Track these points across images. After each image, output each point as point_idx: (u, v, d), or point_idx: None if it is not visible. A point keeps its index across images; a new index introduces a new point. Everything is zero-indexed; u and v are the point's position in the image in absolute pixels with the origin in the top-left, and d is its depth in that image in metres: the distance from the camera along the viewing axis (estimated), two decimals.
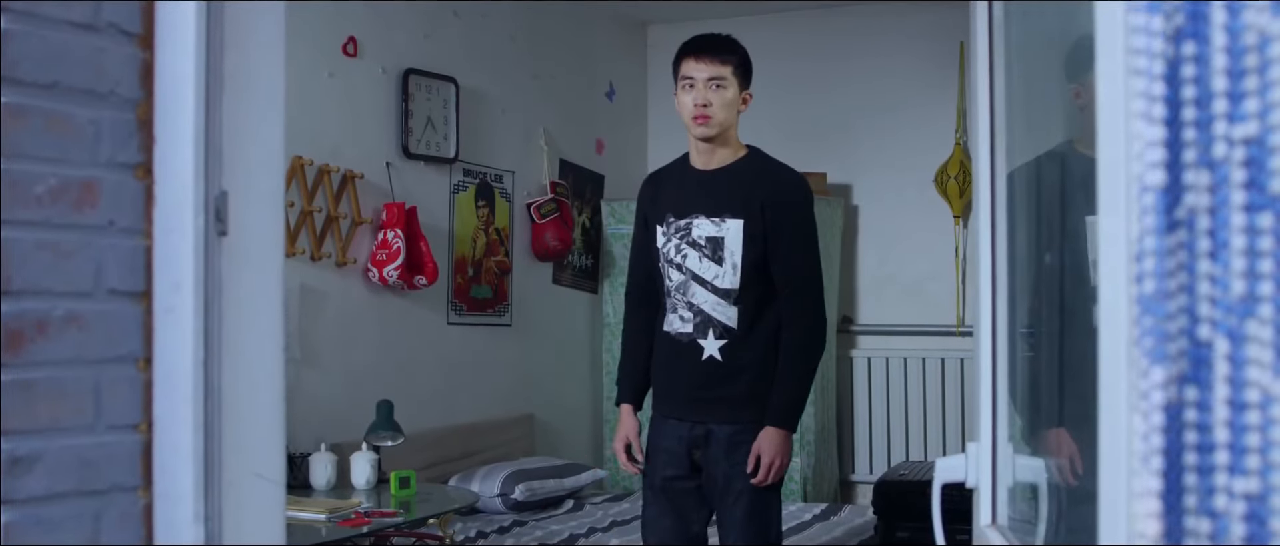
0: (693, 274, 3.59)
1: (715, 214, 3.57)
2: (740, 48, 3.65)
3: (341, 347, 5.13)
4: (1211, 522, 1.04)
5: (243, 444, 1.76)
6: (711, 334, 3.57)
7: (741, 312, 3.56)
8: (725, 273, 3.55)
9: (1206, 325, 1.04)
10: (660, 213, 3.67)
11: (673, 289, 3.64)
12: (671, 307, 3.65)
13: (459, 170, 5.79)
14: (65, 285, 1.64)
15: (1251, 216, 1.02)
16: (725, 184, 3.60)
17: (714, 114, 3.57)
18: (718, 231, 3.56)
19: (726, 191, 3.59)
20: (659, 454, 3.66)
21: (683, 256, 3.61)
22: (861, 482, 6.83)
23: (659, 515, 3.66)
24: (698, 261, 3.58)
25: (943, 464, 2.27)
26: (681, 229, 3.62)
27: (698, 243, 3.59)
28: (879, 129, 6.89)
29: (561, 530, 5.05)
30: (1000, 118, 2.14)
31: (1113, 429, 1.15)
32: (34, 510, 1.59)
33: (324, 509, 4.02)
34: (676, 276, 3.62)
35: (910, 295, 6.84)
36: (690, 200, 3.62)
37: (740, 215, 3.54)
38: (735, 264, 3.54)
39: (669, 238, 3.64)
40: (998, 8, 2.12)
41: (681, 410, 3.63)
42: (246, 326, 1.78)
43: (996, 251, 2.18)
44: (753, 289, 3.55)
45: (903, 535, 4.77)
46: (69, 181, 1.64)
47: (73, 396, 1.64)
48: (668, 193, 3.69)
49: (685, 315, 3.61)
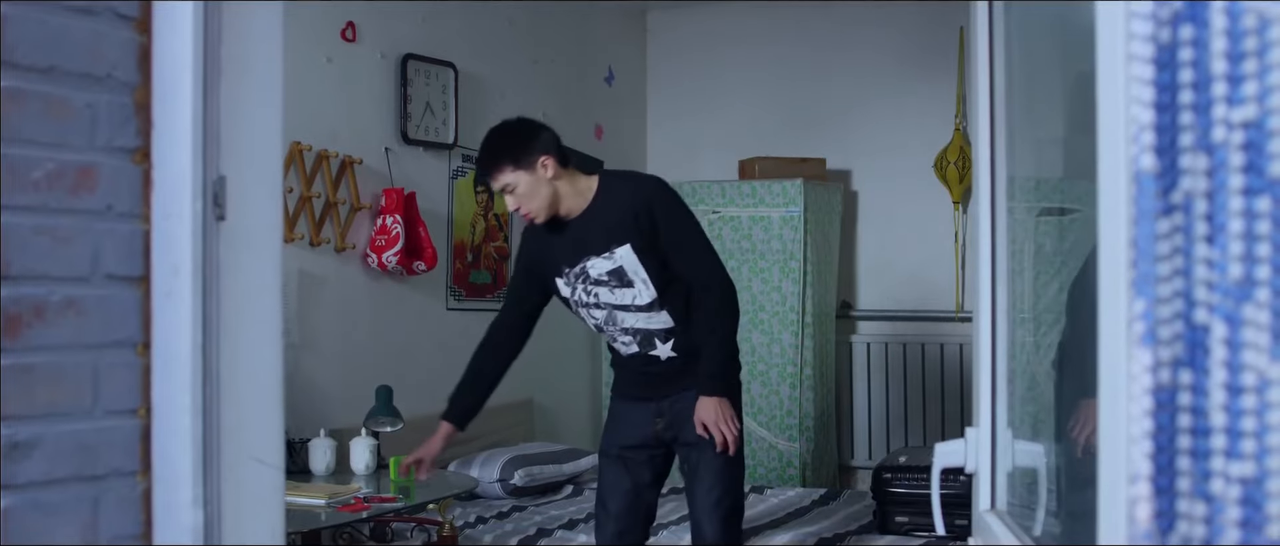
0: (612, 305, 3.76)
1: (603, 250, 3.69)
2: (503, 146, 3.70)
3: (341, 333, 5.13)
4: (1206, 506, 1.04)
5: (241, 428, 1.76)
6: (657, 341, 3.76)
7: (671, 310, 3.73)
8: (639, 291, 3.71)
9: (1202, 309, 1.04)
10: (555, 266, 3.81)
11: (602, 324, 3.82)
12: (611, 338, 3.85)
13: (458, 155, 5.78)
14: (63, 270, 1.63)
15: (1249, 200, 1.02)
16: (597, 220, 3.71)
17: (528, 206, 3.68)
18: (613, 263, 3.70)
19: (601, 226, 3.70)
20: (620, 425, 3.89)
21: (594, 297, 3.76)
22: (860, 468, 6.83)
23: (618, 478, 3.87)
24: (610, 293, 3.74)
25: (942, 448, 2.27)
26: (580, 273, 3.76)
27: (601, 279, 3.73)
28: (878, 114, 6.88)
29: (561, 515, 5.06)
30: (1000, 106, 2.14)
31: (1111, 412, 1.15)
32: (33, 495, 1.59)
33: (323, 494, 4.03)
34: (599, 314, 3.80)
35: (909, 280, 6.84)
36: (575, 247, 3.74)
37: (624, 240, 3.67)
38: (644, 279, 3.69)
39: (573, 286, 3.79)
40: (999, 6, 2.12)
41: (647, 394, 3.83)
42: (245, 311, 1.78)
43: (996, 237, 2.18)
44: (670, 287, 3.71)
45: (901, 520, 4.77)
46: (66, 166, 1.64)
47: (71, 381, 1.64)
48: (552, 246, 3.80)
49: (626, 340, 3.80)
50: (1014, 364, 2.20)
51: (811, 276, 6.34)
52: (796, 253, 6.28)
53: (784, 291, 6.31)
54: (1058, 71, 2.10)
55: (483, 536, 4.78)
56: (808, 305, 6.32)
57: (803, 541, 4.63)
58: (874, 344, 6.85)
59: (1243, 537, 1.02)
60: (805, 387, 6.34)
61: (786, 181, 6.33)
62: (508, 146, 3.67)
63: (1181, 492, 1.06)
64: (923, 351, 6.75)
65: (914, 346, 6.77)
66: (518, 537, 4.74)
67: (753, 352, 6.30)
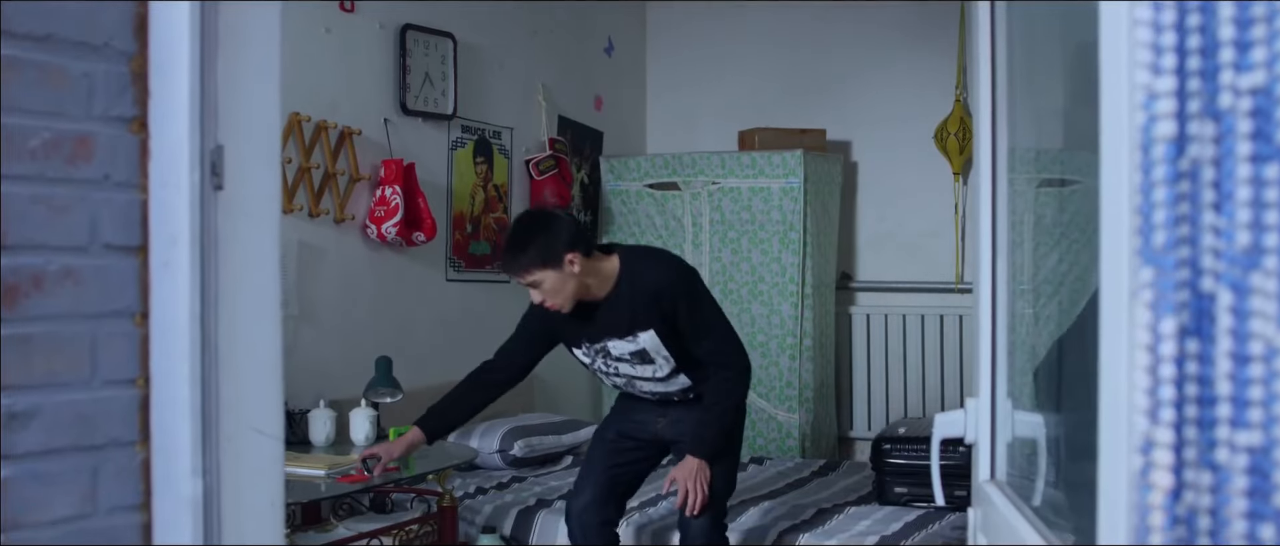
0: (631, 375, 3.97)
1: (626, 334, 3.85)
2: (530, 244, 3.73)
3: (340, 304, 5.12)
4: (1212, 475, 1.04)
5: (240, 398, 1.76)
6: (674, 397, 4.00)
7: (688, 372, 3.93)
8: (659, 366, 3.90)
9: (1210, 277, 1.03)
10: (574, 337, 3.97)
11: (622, 385, 4.06)
12: (629, 387, 4.06)
13: (457, 126, 5.76)
14: (61, 239, 1.63)
15: (1257, 167, 1.01)
16: (621, 307, 3.83)
17: (554, 300, 3.77)
18: (635, 346, 3.86)
19: (626, 312, 3.83)
20: (623, 417, 4.15)
21: (614, 368, 3.97)
22: (859, 439, 6.84)
23: (605, 455, 4.11)
24: (630, 367, 3.93)
25: (941, 419, 2.26)
26: (600, 350, 3.93)
27: (623, 357, 3.91)
28: (879, 85, 6.86)
29: (560, 486, 5.06)
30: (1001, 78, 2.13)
31: (1113, 381, 1.14)
32: (31, 465, 1.58)
33: (323, 465, 4.03)
34: (619, 380, 4.03)
35: (909, 252, 6.83)
36: (598, 329, 3.88)
37: (648, 326, 3.81)
38: (665, 356, 3.87)
39: (593, 357, 3.98)
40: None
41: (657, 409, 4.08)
42: (243, 280, 1.77)
43: (996, 208, 2.17)
44: (687, 358, 3.90)
45: (900, 491, 4.77)
46: (63, 135, 1.63)
47: (69, 351, 1.63)
48: (571, 321, 3.89)
49: (644, 393, 4.04)
50: (1014, 336, 2.20)
51: (811, 247, 6.33)
52: (796, 224, 6.27)
53: (784, 262, 6.30)
54: (1058, 42, 2.09)
55: (482, 507, 4.79)
56: (807, 276, 6.32)
57: (802, 512, 4.64)
58: (873, 315, 6.85)
59: (1249, 507, 1.02)
60: (805, 359, 6.33)
61: (786, 152, 6.32)
62: (535, 247, 3.72)
63: (1188, 462, 1.05)
64: (922, 323, 6.75)
65: (913, 318, 6.77)
66: (517, 508, 4.74)
67: (752, 324, 6.29)
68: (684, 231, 6.49)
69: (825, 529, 4.39)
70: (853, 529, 4.39)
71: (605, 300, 3.84)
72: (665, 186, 6.60)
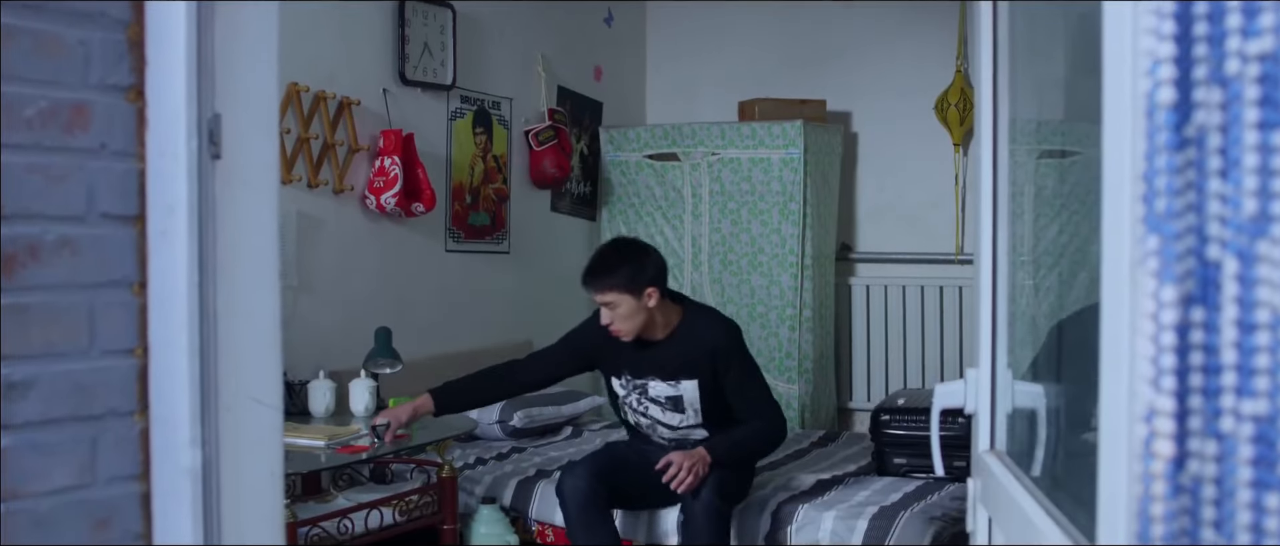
0: (657, 420, 4.21)
1: (670, 378, 4.11)
2: (620, 267, 4.00)
3: (339, 275, 5.12)
4: (1218, 444, 1.03)
5: (239, 368, 1.75)
6: (688, 441, 4.19)
7: (708, 428, 4.18)
8: (687, 418, 4.16)
9: (1216, 245, 1.02)
10: (617, 367, 4.21)
11: (644, 428, 4.28)
12: (648, 433, 4.28)
13: (456, 97, 5.74)
14: (57, 209, 1.62)
15: (1265, 134, 1.00)
16: (673, 352, 4.09)
17: (620, 328, 4.03)
18: (675, 391, 4.12)
19: (676, 359, 4.09)
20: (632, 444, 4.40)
21: (645, 408, 4.20)
22: (859, 410, 6.84)
23: (608, 448, 4.40)
24: (661, 413, 4.17)
25: (941, 389, 2.26)
26: (639, 387, 4.18)
27: (658, 400, 4.16)
28: (879, 56, 6.83)
29: (560, 456, 5.07)
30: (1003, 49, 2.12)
31: (1115, 350, 1.13)
32: (30, 435, 1.58)
33: (323, 435, 4.03)
34: (643, 420, 4.25)
35: (909, 223, 6.82)
36: (644, 365, 4.14)
37: (694, 376, 4.08)
38: (696, 410, 4.13)
39: (629, 391, 4.22)
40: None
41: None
42: (241, 250, 1.76)
43: (998, 178, 2.16)
44: (713, 414, 4.14)
45: (899, 462, 4.78)
46: (59, 104, 1.62)
47: (67, 321, 1.62)
48: (621, 349, 4.14)
49: (659, 439, 4.26)
50: (1014, 307, 2.19)
51: (811, 218, 6.32)
52: (796, 194, 6.26)
53: (783, 233, 6.30)
54: (1060, 12, 2.07)
55: (482, 477, 4.80)
56: (807, 247, 6.31)
57: (801, 483, 4.64)
58: (873, 286, 6.84)
59: (1255, 476, 1.01)
60: (804, 330, 6.33)
61: (786, 123, 6.30)
62: (624, 271, 3.98)
63: (1192, 431, 1.05)
64: (922, 294, 6.74)
65: (913, 289, 6.76)
66: (517, 478, 4.75)
67: (752, 295, 6.29)
68: (683, 202, 6.48)
69: (824, 499, 4.40)
70: (852, 499, 4.40)
71: (659, 342, 4.09)
72: (665, 157, 6.58)
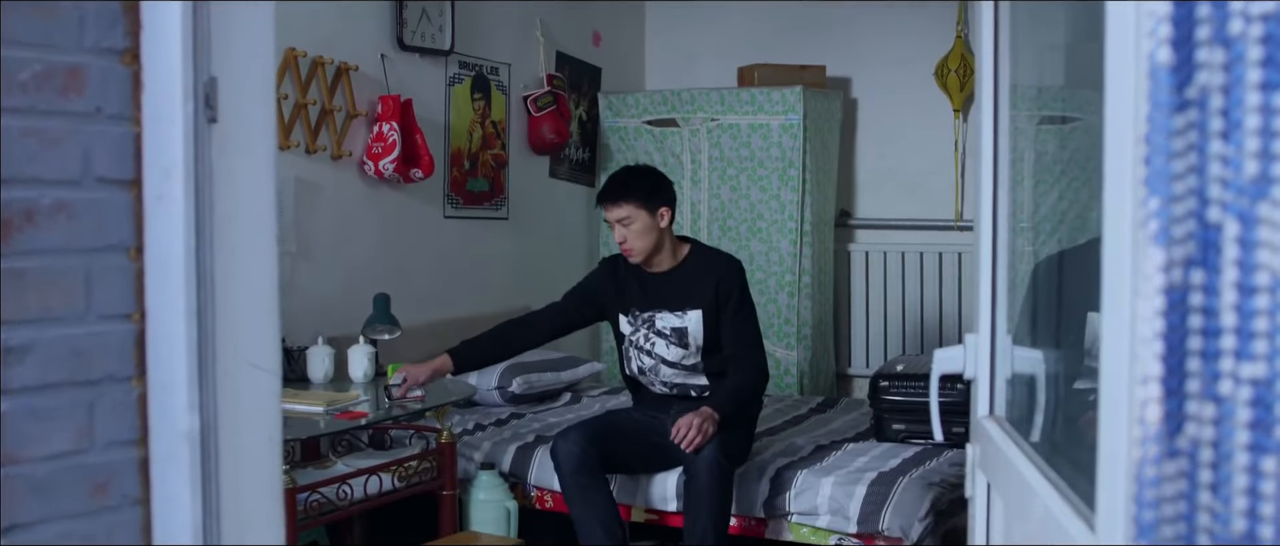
0: (661, 358, 4.30)
1: (677, 308, 4.25)
2: (637, 183, 4.17)
3: (338, 241, 5.11)
4: (1215, 407, 1.03)
5: (237, 333, 1.75)
6: (690, 391, 4.32)
7: (707, 372, 4.29)
8: (690, 353, 4.27)
9: (1216, 207, 1.02)
10: (623, 305, 4.33)
11: (647, 371, 4.36)
12: (649, 383, 4.39)
13: (454, 62, 5.72)
14: (53, 173, 1.61)
15: (1267, 95, 0.99)
16: (679, 282, 4.25)
17: (632, 245, 4.19)
18: (681, 322, 4.25)
19: (682, 289, 4.24)
20: (633, 409, 4.52)
21: (651, 344, 4.30)
22: (857, 376, 6.85)
23: (606, 414, 4.53)
24: (665, 348, 4.28)
25: (941, 354, 2.26)
26: (646, 320, 4.29)
27: (663, 332, 4.27)
28: (879, 21, 6.80)
29: (559, 422, 5.07)
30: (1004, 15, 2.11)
31: (1115, 311, 1.13)
32: (27, 399, 1.58)
33: (322, 401, 4.03)
34: (647, 361, 4.34)
35: (909, 189, 6.81)
36: (651, 298, 4.28)
37: (699, 306, 4.22)
38: (698, 345, 4.25)
39: (636, 327, 4.32)
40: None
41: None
42: (239, 214, 1.76)
43: (999, 144, 2.16)
44: (712, 355, 4.26)
45: (898, 428, 4.78)
46: (54, 67, 1.61)
47: (64, 285, 1.62)
48: (628, 288, 4.31)
49: (661, 388, 4.36)
50: (1014, 273, 2.19)
51: (810, 185, 6.31)
52: (795, 161, 6.24)
53: (783, 200, 6.29)
54: None
55: (481, 443, 4.80)
56: (806, 213, 6.30)
57: (799, 449, 4.65)
58: (872, 252, 6.84)
59: (1252, 439, 1.01)
60: (803, 296, 6.33)
61: (786, 89, 6.28)
62: (641, 186, 4.15)
63: (1190, 394, 1.04)
64: (921, 260, 6.74)
65: (912, 255, 6.76)
66: (516, 444, 4.75)
67: (750, 261, 6.28)
68: (682, 168, 6.46)
69: (823, 465, 4.41)
70: (850, 465, 4.41)
71: (667, 273, 4.24)
72: (664, 123, 6.57)
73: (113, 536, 1.67)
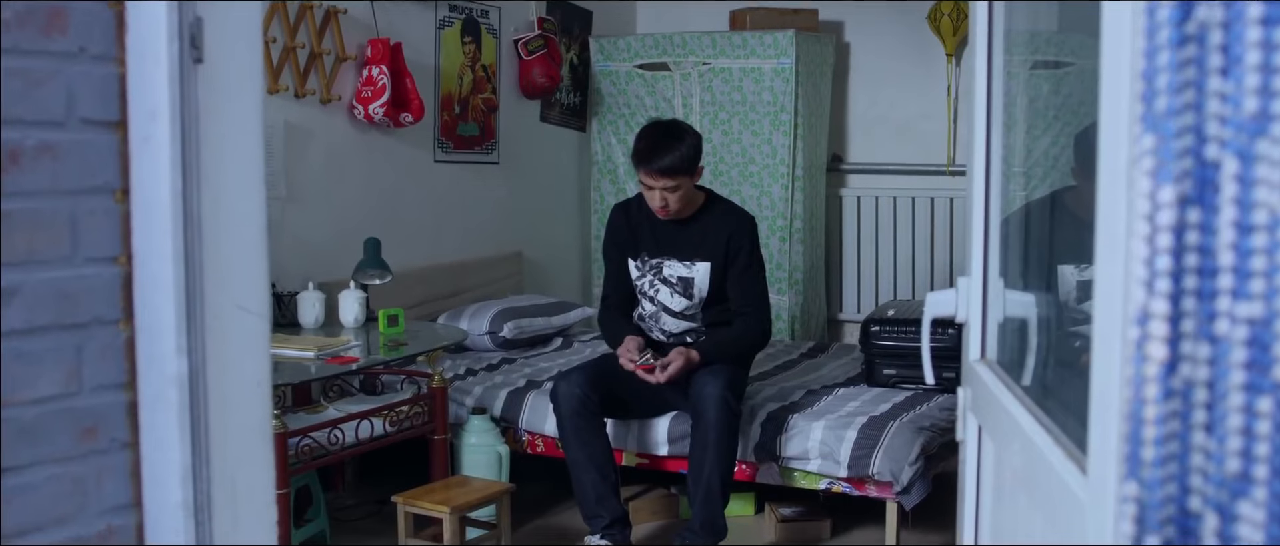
0: (664, 306, 4.31)
1: (687, 258, 4.25)
2: (684, 149, 4.06)
3: (328, 186, 5.09)
4: (1211, 347, 1.02)
5: (225, 276, 1.73)
6: (687, 342, 4.30)
7: (704, 320, 4.31)
8: (693, 304, 4.28)
9: (1214, 144, 1.00)
10: (635, 249, 4.33)
11: (647, 317, 4.38)
12: (647, 330, 4.38)
13: (444, 5, 5.67)
14: (37, 114, 1.59)
15: (1268, 31, 0.98)
16: (694, 232, 4.23)
17: (672, 207, 4.14)
18: (688, 272, 4.25)
19: (696, 239, 4.23)
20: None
21: (655, 290, 4.31)
22: (849, 321, 6.86)
23: (602, 358, 4.37)
24: (670, 296, 4.29)
25: (933, 298, 2.25)
26: (654, 266, 4.29)
27: (670, 280, 4.28)
28: None
29: (549, 367, 5.08)
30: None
31: (1110, 250, 1.12)
32: (14, 343, 1.56)
33: (313, 346, 4.02)
34: (649, 307, 4.35)
35: (901, 134, 6.79)
36: (662, 244, 4.27)
37: (708, 258, 4.22)
38: (702, 297, 4.26)
39: (643, 273, 4.32)
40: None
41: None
42: (226, 156, 1.74)
43: (992, 89, 2.14)
44: (713, 307, 4.28)
45: (889, 372, 4.79)
46: (36, 5, 1.58)
47: (49, 228, 1.60)
48: (640, 232, 4.30)
49: (659, 335, 4.36)
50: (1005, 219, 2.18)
51: (802, 129, 6.28)
52: (787, 105, 6.22)
53: (774, 144, 6.27)
54: None
55: (472, 388, 4.80)
56: (798, 158, 6.28)
57: (790, 393, 4.66)
58: (864, 197, 6.83)
59: (1248, 379, 1.00)
60: (795, 241, 6.33)
61: (778, 32, 6.24)
62: (689, 161, 4.06)
63: (1186, 334, 1.03)
64: (913, 205, 6.73)
65: (904, 200, 6.75)
66: (507, 389, 4.76)
67: (743, 206, 6.26)
68: (674, 113, 6.43)
69: (814, 410, 4.42)
70: (841, 410, 4.41)
71: (682, 223, 4.22)
72: (655, 67, 6.53)
73: (102, 480, 1.66)
